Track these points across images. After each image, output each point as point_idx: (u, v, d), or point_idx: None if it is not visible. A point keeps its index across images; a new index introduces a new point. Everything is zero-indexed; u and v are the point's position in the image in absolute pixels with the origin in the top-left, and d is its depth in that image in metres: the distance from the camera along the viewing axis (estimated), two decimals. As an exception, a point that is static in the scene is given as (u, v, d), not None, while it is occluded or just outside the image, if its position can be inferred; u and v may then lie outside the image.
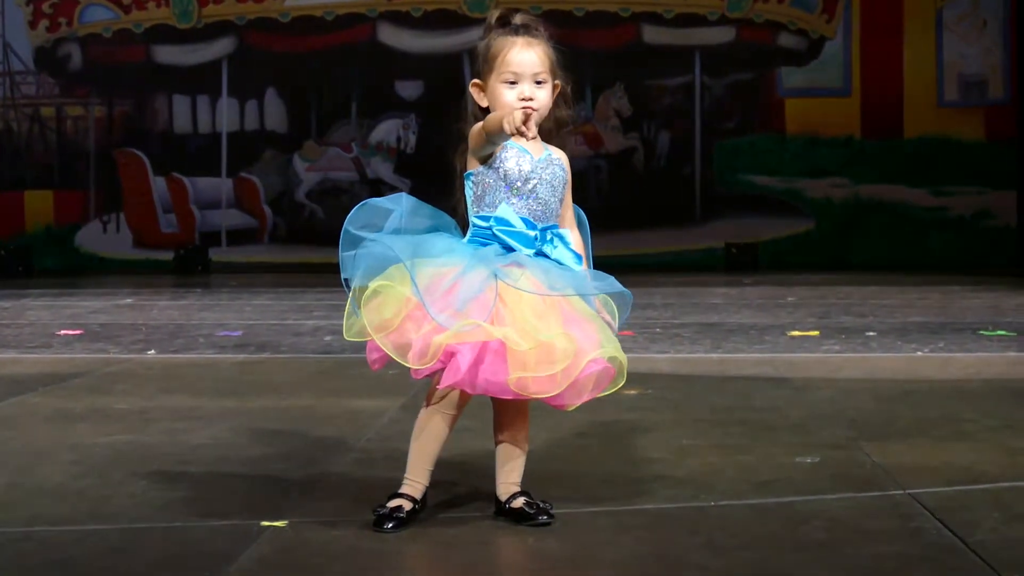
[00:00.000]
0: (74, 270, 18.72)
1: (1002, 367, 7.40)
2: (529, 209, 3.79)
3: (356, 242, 3.73)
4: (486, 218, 3.79)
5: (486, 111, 3.86)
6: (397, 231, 3.75)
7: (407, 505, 3.75)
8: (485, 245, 3.76)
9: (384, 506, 3.75)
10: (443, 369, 3.60)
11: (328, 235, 3.92)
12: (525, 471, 3.90)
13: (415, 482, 3.79)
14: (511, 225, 3.76)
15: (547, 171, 3.82)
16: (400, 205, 3.79)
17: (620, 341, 3.78)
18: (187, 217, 19.63)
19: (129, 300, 12.68)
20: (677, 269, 17.59)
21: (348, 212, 3.81)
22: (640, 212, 19.02)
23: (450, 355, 3.59)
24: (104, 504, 4.09)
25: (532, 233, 3.76)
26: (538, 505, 3.80)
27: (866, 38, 19.10)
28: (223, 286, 14.99)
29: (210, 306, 11.99)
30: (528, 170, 3.80)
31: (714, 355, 7.92)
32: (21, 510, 4.02)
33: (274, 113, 19.67)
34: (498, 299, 3.61)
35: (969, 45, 19.08)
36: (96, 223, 19.73)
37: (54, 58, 19.81)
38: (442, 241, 3.76)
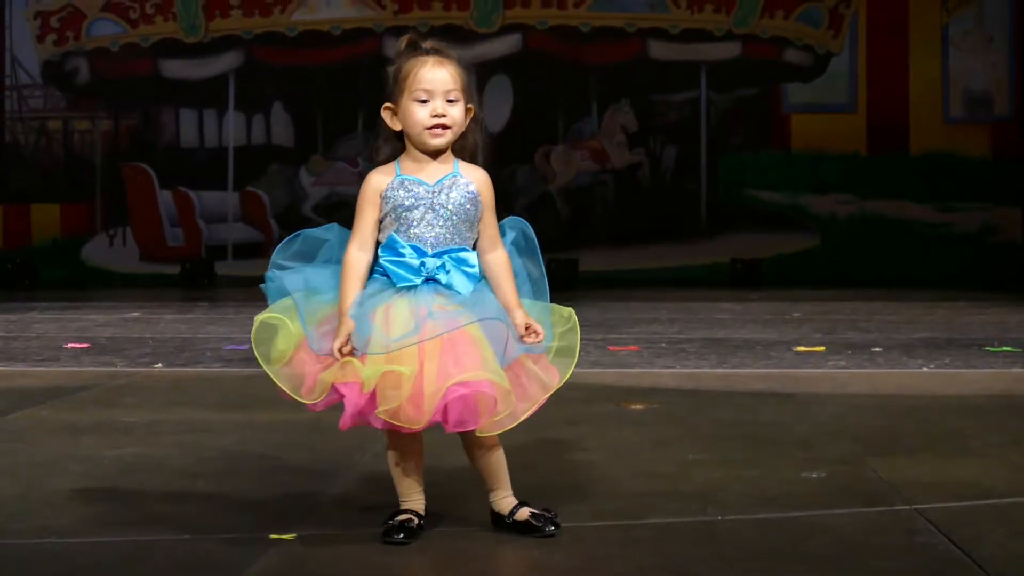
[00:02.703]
0: (80, 283, 18.73)
1: (1008, 383, 7.40)
2: (420, 236, 3.78)
3: (271, 276, 3.84)
4: (381, 249, 3.81)
5: (399, 135, 3.88)
6: (328, 262, 3.81)
7: (415, 519, 3.77)
8: (381, 276, 3.78)
9: (392, 519, 3.76)
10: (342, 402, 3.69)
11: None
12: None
13: (412, 500, 3.81)
14: (399, 255, 3.77)
15: (442, 196, 3.80)
16: (332, 235, 3.85)
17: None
18: (193, 231, 19.64)
19: (136, 313, 12.69)
20: (682, 284, 17.58)
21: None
22: (645, 227, 19.02)
23: (338, 394, 3.67)
24: (112, 516, 4.10)
25: (416, 263, 3.75)
26: (543, 516, 3.81)
27: (872, 54, 19.10)
28: (229, 300, 15.00)
29: (217, 320, 12.00)
30: (413, 201, 3.79)
31: (720, 370, 7.92)
32: (30, 521, 4.04)
33: (280, 127, 19.69)
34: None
35: (975, 61, 19.08)
36: (102, 236, 19.72)
37: (61, 72, 19.83)
38: (333, 276, 3.81)
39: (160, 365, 8.26)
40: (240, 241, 19.60)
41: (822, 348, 9.01)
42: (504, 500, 3.86)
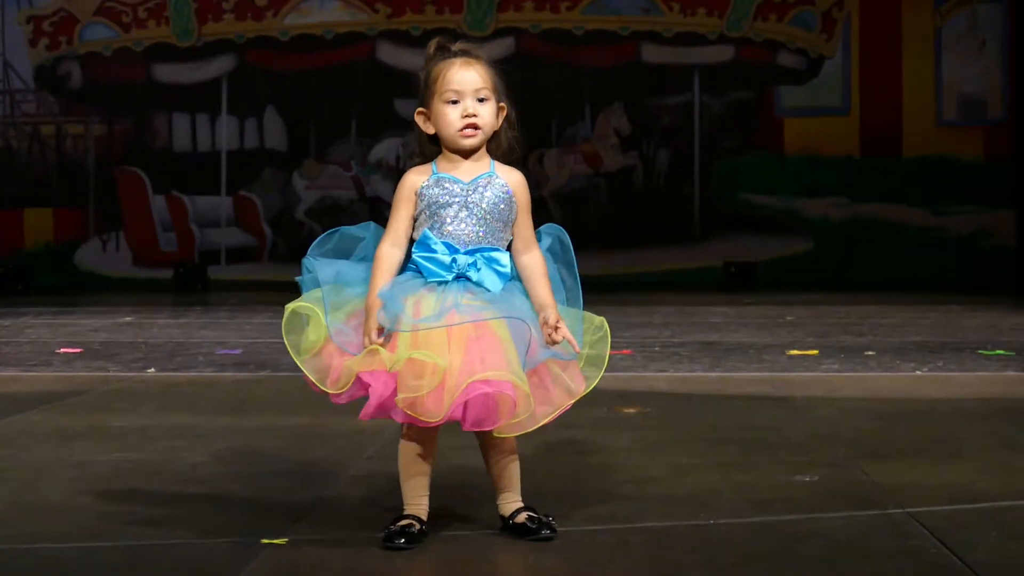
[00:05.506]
0: (73, 288, 18.70)
1: (1001, 386, 7.40)
2: (453, 234, 3.80)
3: (307, 267, 3.84)
4: (415, 245, 3.83)
5: (432, 138, 3.89)
6: (363, 259, 3.83)
7: (416, 524, 3.75)
8: (412, 270, 3.80)
9: (394, 524, 3.75)
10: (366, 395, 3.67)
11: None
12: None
13: (416, 506, 3.81)
14: (431, 251, 3.78)
15: (475, 195, 3.82)
16: (368, 233, 3.86)
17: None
18: (186, 235, 19.62)
19: (128, 318, 12.68)
20: (676, 288, 17.58)
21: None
22: (639, 230, 19.03)
23: (364, 384, 3.64)
24: (104, 521, 4.10)
25: (448, 259, 3.77)
26: (540, 520, 3.81)
27: (865, 57, 19.12)
28: (222, 304, 14.99)
29: (209, 324, 11.99)
30: (448, 198, 3.81)
31: (713, 374, 7.92)
32: (22, 527, 4.03)
33: (274, 131, 19.67)
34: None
35: (968, 64, 19.09)
36: (95, 241, 19.70)
37: (54, 76, 19.81)
38: (366, 271, 3.81)
39: (153, 370, 8.26)
40: (233, 245, 19.59)
41: (815, 352, 9.01)
42: (509, 504, 3.87)
